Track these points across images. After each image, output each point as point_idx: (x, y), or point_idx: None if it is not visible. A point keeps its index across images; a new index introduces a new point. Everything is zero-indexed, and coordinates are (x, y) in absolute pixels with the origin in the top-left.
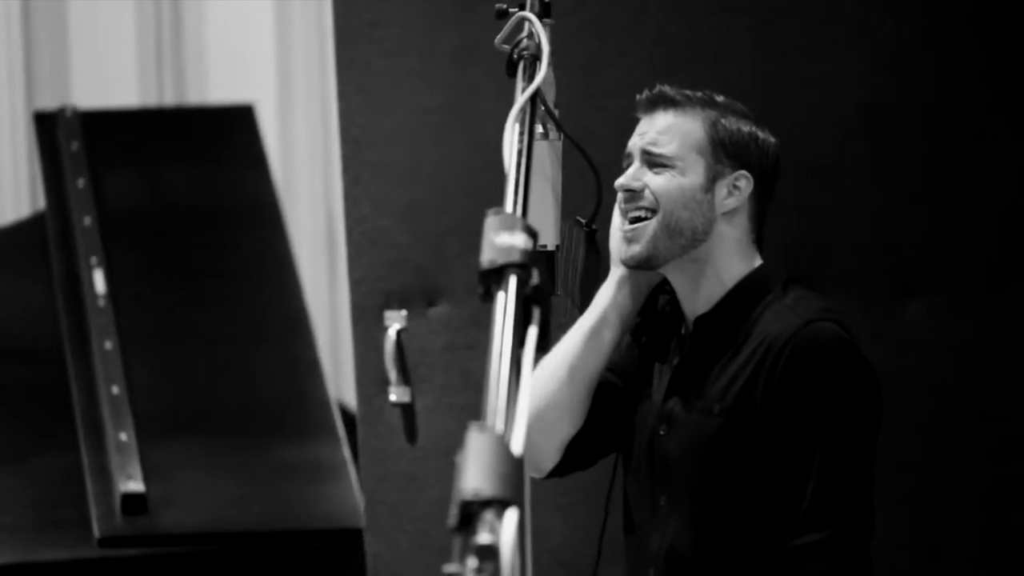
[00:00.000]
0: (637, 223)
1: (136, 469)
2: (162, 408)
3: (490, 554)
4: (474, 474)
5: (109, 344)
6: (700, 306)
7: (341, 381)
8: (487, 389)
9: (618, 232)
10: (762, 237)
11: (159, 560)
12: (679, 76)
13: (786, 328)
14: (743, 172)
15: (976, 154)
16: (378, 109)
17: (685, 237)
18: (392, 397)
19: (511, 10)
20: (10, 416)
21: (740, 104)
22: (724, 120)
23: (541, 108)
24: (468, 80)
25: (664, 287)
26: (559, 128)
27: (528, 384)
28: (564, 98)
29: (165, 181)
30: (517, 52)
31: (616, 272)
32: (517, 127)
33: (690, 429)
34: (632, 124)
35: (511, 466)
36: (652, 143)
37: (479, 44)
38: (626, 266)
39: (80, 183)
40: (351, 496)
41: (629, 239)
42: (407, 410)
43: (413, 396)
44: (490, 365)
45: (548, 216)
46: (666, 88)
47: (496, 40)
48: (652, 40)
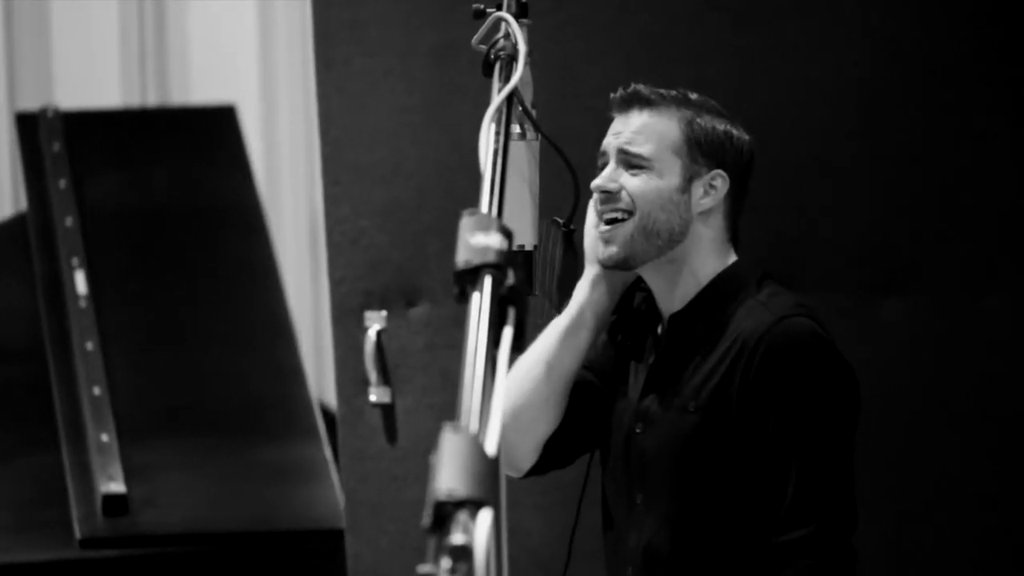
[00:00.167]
0: (613, 224)
1: (117, 470)
2: (143, 409)
3: (464, 554)
4: (448, 474)
5: (90, 345)
6: (676, 304)
7: (325, 382)
8: (462, 389)
9: (593, 231)
10: (737, 235)
11: (140, 561)
12: (659, 75)
13: (760, 325)
14: (719, 171)
15: (957, 154)
16: (358, 109)
17: (662, 238)
18: (372, 397)
19: (488, 10)
20: None
21: (714, 102)
22: (700, 119)
23: (519, 108)
24: (448, 80)
25: (639, 285)
26: (536, 128)
27: (503, 384)
28: (543, 98)
29: (147, 182)
30: (494, 52)
31: (591, 271)
32: (493, 127)
33: (666, 427)
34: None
35: (485, 466)
36: (628, 143)
37: (458, 44)
38: (603, 267)
39: (62, 184)
40: (332, 497)
41: (606, 240)
42: (387, 410)
43: (393, 396)
44: (465, 365)
45: (526, 216)
46: (640, 87)
47: (473, 40)
48: (632, 40)
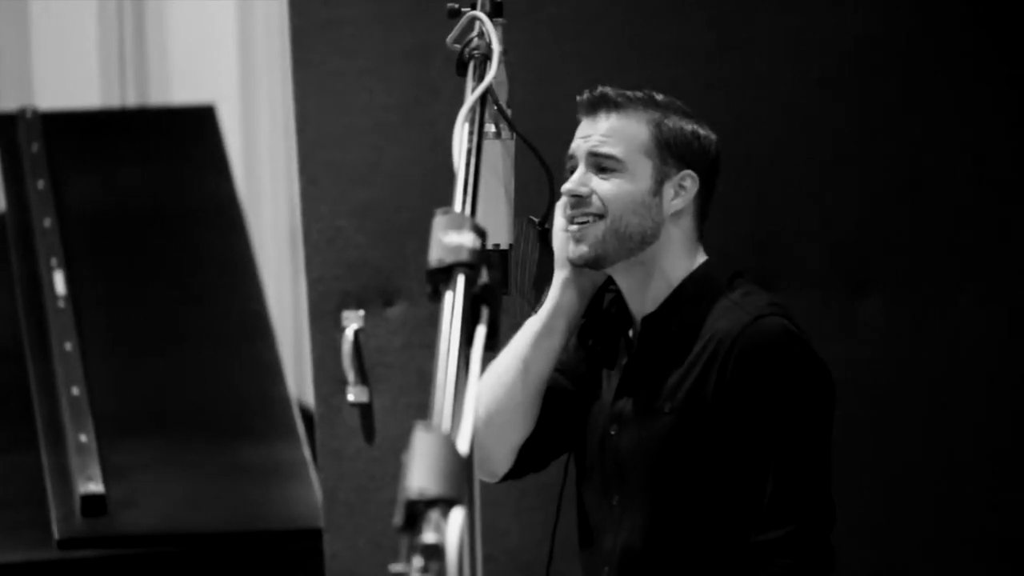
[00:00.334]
0: (584, 224)
1: (96, 470)
2: (122, 409)
3: (435, 553)
4: (420, 473)
5: (69, 345)
6: (647, 306)
7: (306, 381)
8: (434, 388)
9: (562, 234)
10: (703, 233)
11: (119, 561)
12: (635, 75)
13: (734, 325)
14: (688, 172)
15: (931, 151)
16: (334, 109)
17: (634, 241)
18: (350, 397)
19: (463, 10)
20: None
21: (680, 102)
22: (667, 120)
23: (494, 107)
24: (424, 79)
25: (608, 286)
26: (511, 127)
27: (476, 383)
28: (519, 97)
29: (126, 183)
30: (467, 51)
31: (561, 274)
32: (466, 126)
33: (641, 429)
34: None
35: (457, 465)
36: (598, 146)
37: (434, 44)
38: (573, 265)
39: (40, 184)
40: (311, 496)
41: (577, 239)
42: (365, 410)
43: (371, 396)
44: (437, 364)
45: (501, 215)
46: (607, 89)
47: (447, 40)
48: (608, 39)
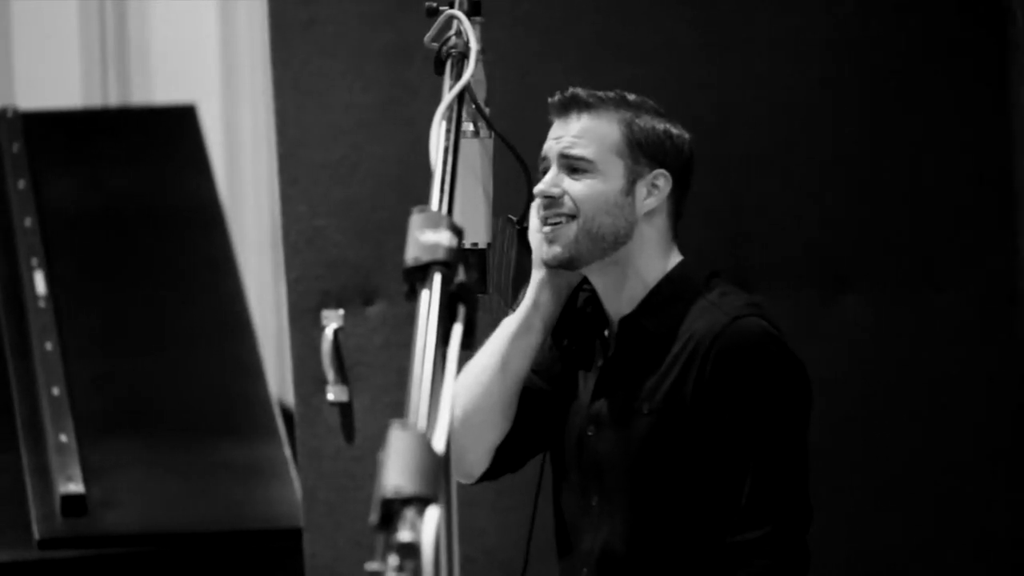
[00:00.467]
0: (557, 225)
1: (76, 470)
2: (103, 409)
3: (411, 552)
4: (395, 472)
5: (49, 345)
6: (624, 306)
7: (286, 381)
8: (410, 387)
9: (537, 234)
10: (678, 233)
11: (99, 561)
12: (613, 74)
13: (713, 325)
14: (661, 171)
15: (909, 151)
16: (314, 108)
17: (607, 241)
18: (330, 396)
19: (441, 8)
20: None
21: (652, 102)
22: (639, 120)
23: (472, 106)
24: (404, 78)
25: (582, 285)
26: (489, 126)
27: (452, 381)
28: (498, 96)
29: (107, 182)
30: (445, 50)
31: (537, 274)
32: (444, 124)
33: (620, 429)
34: None
35: (433, 463)
36: (569, 147)
37: (414, 42)
38: (547, 266)
39: (21, 184)
40: (292, 496)
41: (550, 240)
42: (345, 409)
43: (351, 395)
44: (413, 363)
45: (479, 214)
46: (578, 90)
47: (425, 38)
48: (586, 38)
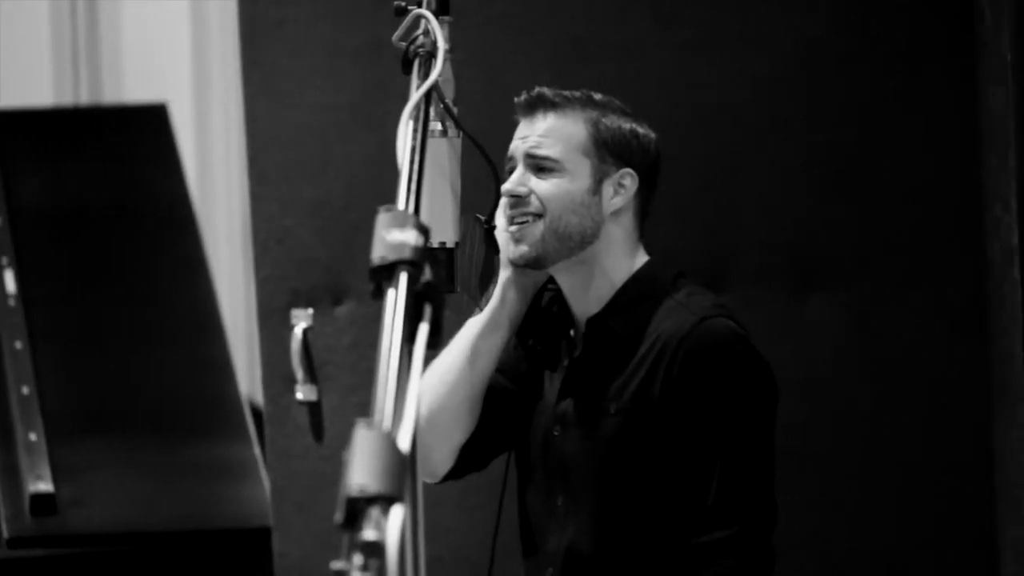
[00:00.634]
0: (523, 224)
1: (45, 469)
2: (72, 408)
3: (375, 551)
4: (360, 470)
5: (19, 344)
6: (591, 306)
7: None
8: (376, 386)
9: (504, 233)
10: (644, 232)
11: (69, 561)
12: (583, 73)
13: (680, 326)
14: (627, 170)
15: (881, 151)
16: (284, 108)
17: (574, 240)
18: (299, 395)
19: (409, 8)
20: None
21: (618, 101)
22: (605, 119)
23: (440, 105)
24: (374, 78)
25: (547, 285)
26: (457, 125)
27: (417, 380)
28: (469, 95)
29: (77, 181)
30: (413, 49)
31: (504, 273)
32: (411, 124)
33: (587, 429)
34: None
35: (398, 462)
36: (535, 146)
37: (384, 42)
38: (514, 265)
39: None
40: (261, 495)
41: (516, 239)
42: (314, 408)
43: (320, 394)
44: (379, 362)
45: (447, 213)
46: (544, 90)
47: (393, 38)
48: (556, 37)
